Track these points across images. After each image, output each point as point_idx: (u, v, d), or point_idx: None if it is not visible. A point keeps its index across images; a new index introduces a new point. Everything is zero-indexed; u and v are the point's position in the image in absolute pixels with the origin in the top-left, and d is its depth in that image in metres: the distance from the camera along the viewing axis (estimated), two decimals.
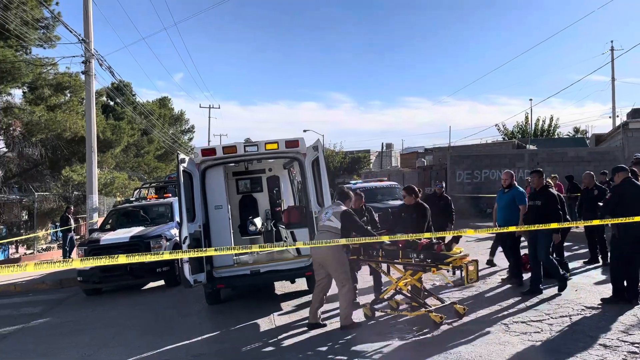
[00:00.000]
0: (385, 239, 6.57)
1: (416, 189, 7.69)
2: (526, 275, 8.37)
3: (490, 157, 24.22)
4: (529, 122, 43.40)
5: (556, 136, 43.28)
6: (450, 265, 6.14)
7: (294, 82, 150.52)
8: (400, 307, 7.30)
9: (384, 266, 7.33)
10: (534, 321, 6.40)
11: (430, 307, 6.65)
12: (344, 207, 6.85)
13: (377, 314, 7.11)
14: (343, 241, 6.24)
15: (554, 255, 9.60)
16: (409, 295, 6.89)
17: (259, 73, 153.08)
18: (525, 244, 8.36)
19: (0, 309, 10.41)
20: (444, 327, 6.39)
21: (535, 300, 7.37)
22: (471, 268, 6.19)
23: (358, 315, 7.06)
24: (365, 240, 6.45)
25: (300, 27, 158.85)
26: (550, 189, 7.88)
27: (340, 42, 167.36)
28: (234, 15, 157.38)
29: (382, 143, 60.04)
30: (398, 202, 12.17)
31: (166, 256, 5.02)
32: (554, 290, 7.86)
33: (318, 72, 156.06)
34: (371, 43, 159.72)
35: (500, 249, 9.52)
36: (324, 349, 6.02)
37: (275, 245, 9.70)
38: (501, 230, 8.04)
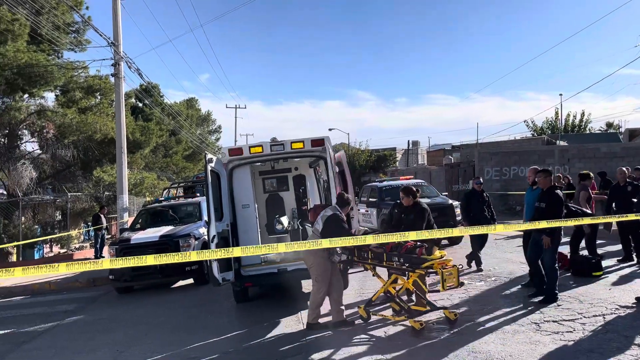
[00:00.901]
0: (370, 240, 6.22)
1: (414, 189, 7.64)
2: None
3: (519, 154, 23.82)
4: (559, 117, 42.61)
5: (588, 131, 42.32)
6: (425, 270, 5.99)
7: (317, 81, 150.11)
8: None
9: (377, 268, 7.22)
10: (566, 320, 6.28)
11: (413, 312, 6.51)
12: (336, 212, 6.88)
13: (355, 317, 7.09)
14: (326, 242, 5.96)
15: (587, 254, 9.43)
16: (393, 297, 6.91)
17: (281, 73, 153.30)
18: (565, 240, 8.09)
19: (35, 306, 10.73)
20: (473, 325, 6.33)
21: (566, 299, 7.22)
22: (449, 273, 5.88)
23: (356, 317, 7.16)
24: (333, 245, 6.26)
25: (311, 25, 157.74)
26: (557, 191, 7.33)
27: (345, 43, 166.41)
28: (252, 17, 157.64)
29: (409, 140, 59.56)
30: (426, 200, 12.04)
31: (193, 257, 5.05)
32: (585, 288, 7.70)
33: (337, 71, 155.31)
34: (379, 42, 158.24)
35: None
36: (352, 347, 6.02)
37: (302, 244, 9.72)
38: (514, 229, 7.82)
